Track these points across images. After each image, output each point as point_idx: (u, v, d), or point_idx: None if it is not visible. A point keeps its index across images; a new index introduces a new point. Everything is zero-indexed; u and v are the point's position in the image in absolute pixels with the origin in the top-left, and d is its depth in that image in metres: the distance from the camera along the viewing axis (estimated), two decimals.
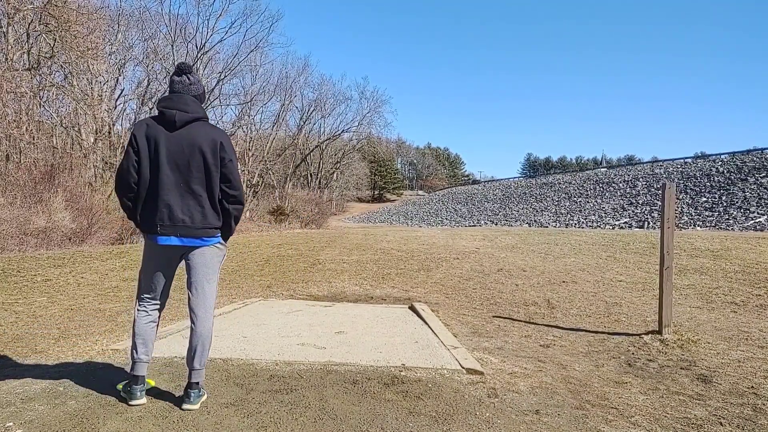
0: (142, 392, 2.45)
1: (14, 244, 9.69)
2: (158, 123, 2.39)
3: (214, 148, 2.42)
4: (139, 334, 2.47)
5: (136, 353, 2.45)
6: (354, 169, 59.81)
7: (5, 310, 5.10)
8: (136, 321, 2.50)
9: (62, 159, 15.96)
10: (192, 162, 2.38)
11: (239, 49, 32.31)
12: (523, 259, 9.04)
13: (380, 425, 2.33)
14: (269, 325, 4.35)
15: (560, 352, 3.97)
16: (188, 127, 2.42)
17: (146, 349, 2.47)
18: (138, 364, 2.45)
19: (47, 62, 16.97)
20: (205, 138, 2.42)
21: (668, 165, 35.60)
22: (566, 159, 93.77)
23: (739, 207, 21.07)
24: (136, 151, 2.35)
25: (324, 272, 7.99)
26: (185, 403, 2.43)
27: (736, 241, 10.06)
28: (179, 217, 2.37)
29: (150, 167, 2.36)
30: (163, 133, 2.38)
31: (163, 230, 2.37)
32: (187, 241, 2.42)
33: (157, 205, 2.37)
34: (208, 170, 2.41)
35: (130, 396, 2.43)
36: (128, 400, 2.43)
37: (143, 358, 2.46)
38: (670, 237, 4.39)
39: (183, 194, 2.38)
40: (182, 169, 2.38)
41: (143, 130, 2.39)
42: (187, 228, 2.39)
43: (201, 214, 2.42)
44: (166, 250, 2.44)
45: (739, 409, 2.79)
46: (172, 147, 2.37)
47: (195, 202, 2.40)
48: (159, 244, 2.40)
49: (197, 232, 2.42)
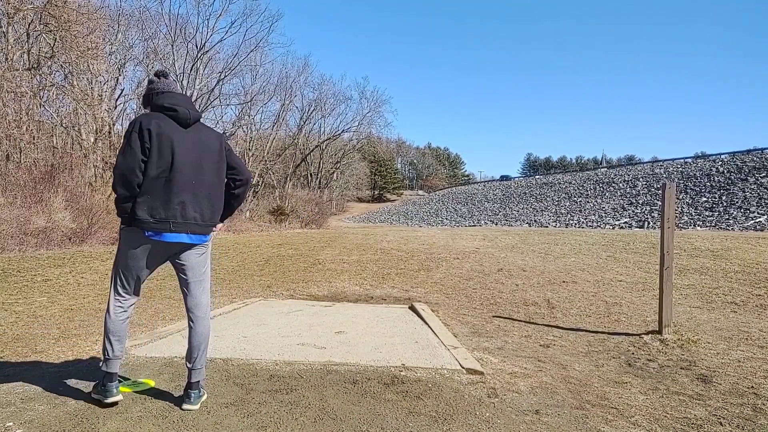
0: (118, 389, 2.40)
1: (14, 244, 9.68)
2: (170, 119, 2.39)
3: (220, 146, 2.52)
4: (113, 331, 2.40)
5: (112, 351, 2.39)
6: (354, 169, 59.80)
7: (5, 310, 5.10)
8: (111, 318, 2.41)
9: (62, 159, 15.94)
10: (204, 160, 2.44)
11: (239, 48, 32.28)
12: (523, 259, 9.04)
13: (380, 425, 2.33)
14: (269, 325, 4.35)
15: (560, 352, 3.97)
16: (195, 126, 2.47)
17: (121, 346, 2.43)
18: (112, 361, 2.39)
19: (47, 62, 16.96)
20: (212, 137, 2.53)
21: (668, 165, 35.60)
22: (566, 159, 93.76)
23: (739, 207, 21.06)
24: (148, 148, 2.29)
25: (324, 272, 7.99)
26: (185, 403, 2.42)
27: (736, 241, 10.07)
28: (191, 214, 2.39)
29: (162, 164, 2.31)
30: (177, 131, 2.38)
31: (175, 227, 2.35)
32: (196, 238, 2.44)
33: (170, 202, 2.33)
34: (219, 167, 2.51)
35: (107, 394, 2.36)
36: (104, 398, 2.36)
37: (118, 355, 2.41)
38: (670, 237, 4.39)
39: (195, 192, 2.41)
40: (195, 168, 2.41)
41: (155, 125, 2.32)
42: (197, 225, 2.42)
43: (210, 211, 2.48)
44: (170, 247, 2.42)
45: (739, 409, 2.79)
46: (186, 145, 2.39)
47: (206, 200, 2.45)
48: (164, 242, 2.37)
49: (205, 230, 2.47)
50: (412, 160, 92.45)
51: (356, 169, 60.47)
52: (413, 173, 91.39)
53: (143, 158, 2.29)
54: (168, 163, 2.32)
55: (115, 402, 2.37)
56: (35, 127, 15.84)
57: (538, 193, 40.30)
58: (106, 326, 2.42)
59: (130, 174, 2.28)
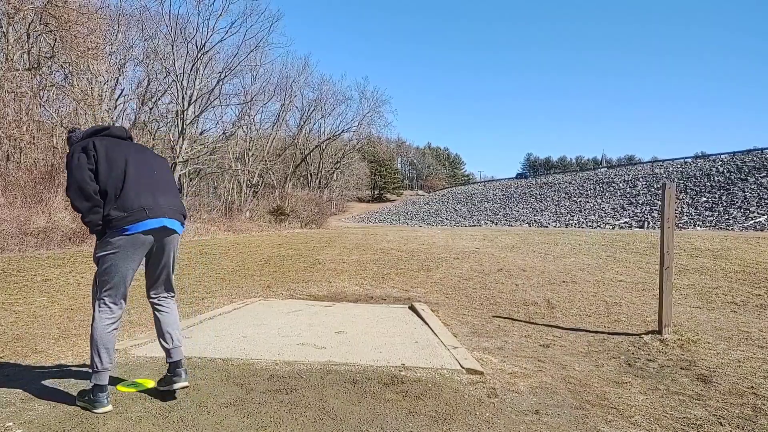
0: (109, 399, 2.36)
1: (14, 244, 9.68)
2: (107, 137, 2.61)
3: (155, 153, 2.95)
4: (103, 342, 2.37)
5: (101, 363, 2.35)
6: (354, 169, 59.80)
7: (5, 310, 5.10)
8: (100, 328, 2.39)
9: (62, 159, 15.93)
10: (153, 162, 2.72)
11: (239, 49, 32.18)
12: (523, 259, 9.04)
13: (380, 425, 2.33)
14: (269, 325, 4.35)
15: (560, 352, 3.97)
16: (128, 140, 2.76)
17: (110, 357, 2.39)
18: (102, 373, 2.36)
19: (47, 62, 16.96)
20: (146, 147, 2.88)
21: (668, 165, 35.60)
22: (566, 159, 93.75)
23: (739, 207, 21.06)
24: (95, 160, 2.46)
25: (324, 272, 7.99)
26: (180, 382, 2.48)
27: (736, 241, 10.07)
28: (161, 201, 2.52)
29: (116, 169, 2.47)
30: (118, 143, 2.59)
31: (151, 213, 2.43)
32: (171, 223, 2.53)
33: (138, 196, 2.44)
34: (166, 166, 2.86)
35: (97, 404, 2.32)
36: (95, 408, 2.32)
37: (107, 366, 2.38)
38: (670, 237, 4.39)
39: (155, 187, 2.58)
40: (148, 168, 2.61)
41: (96, 143, 2.50)
42: (170, 210, 2.54)
43: (175, 201, 2.64)
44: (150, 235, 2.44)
45: (739, 409, 2.79)
46: (131, 152, 2.59)
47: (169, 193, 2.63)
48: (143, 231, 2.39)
49: (177, 216, 2.59)
50: (412, 160, 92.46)
51: (356, 169, 60.47)
52: (413, 173, 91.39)
53: (90, 167, 2.40)
54: (121, 169, 2.45)
55: (106, 412, 2.33)
56: (35, 127, 15.83)
57: (538, 193, 40.29)
58: (93, 339, 2.39)
59: (84, 183, 2.37)
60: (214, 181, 35.50)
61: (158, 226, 2.45)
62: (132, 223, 2.38)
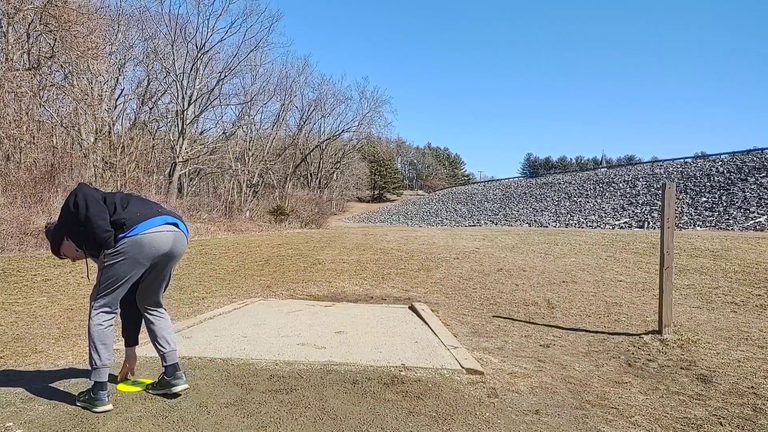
0: (109, 397, 2.38)
1: (14, 244, 9.67)
2: None
3: None
4: (99, 338, 2.40)
5: (100, 359, 2.38)
6: (354, 169, 59.74)
7: (5, 310, 5.10)
8: (99, 328, 2.40)
9: (62, 159, 15.93)
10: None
11: (239, 49, 32.22)
12: (523, 259, 9.04)
13: (380, 425, 2.33)
14: (269, 325, 4.35)
15: (560, 352, 3.97)
16: None
17: (109, 353, 2.42)
18: (102, 370, 2.39)
19: (47, 62, 16.96)
20: None
21: (668, 165, 35.58)
22: (566, 159, 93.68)
23: (739, 207, 21.06)
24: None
25: (324, 272, 7.99)
26: (180, 384, 2.52)
27: (736, 241, 10.07)
28: (166, 209, 2.64)
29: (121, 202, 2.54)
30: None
31: (161, 212, 2.52)
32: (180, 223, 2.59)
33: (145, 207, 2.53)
34: None
35: (98, 403, 2.34)
36: (96, 407, 2.33)
37: (107, 363, 2.40)
38: (670, 237, 4.39)
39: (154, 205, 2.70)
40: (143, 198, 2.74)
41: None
42: (174, 215, 2.61)
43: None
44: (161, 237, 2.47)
45: (739, 409, 2.79)
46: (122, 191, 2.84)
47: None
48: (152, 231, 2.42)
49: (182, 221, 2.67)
50: (412, 160, 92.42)
51: (356, 169, 60.41)
52: (413, 173, 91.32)
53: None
54: (123, 200, 2.52)
55: (107, 410, 2.34)
56: (35, 127, 15.84)
57: (537, 193, 40.31)
58: (91, 336, 2.40)
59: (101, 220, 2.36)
60: (214, 181, 35.50)
61: (168, 222, 2.51)
62: (142, 221, 2.43)
